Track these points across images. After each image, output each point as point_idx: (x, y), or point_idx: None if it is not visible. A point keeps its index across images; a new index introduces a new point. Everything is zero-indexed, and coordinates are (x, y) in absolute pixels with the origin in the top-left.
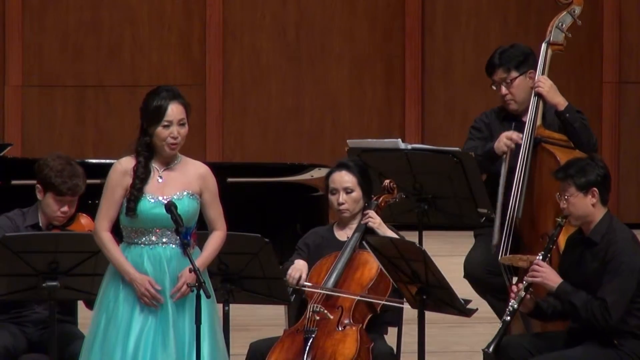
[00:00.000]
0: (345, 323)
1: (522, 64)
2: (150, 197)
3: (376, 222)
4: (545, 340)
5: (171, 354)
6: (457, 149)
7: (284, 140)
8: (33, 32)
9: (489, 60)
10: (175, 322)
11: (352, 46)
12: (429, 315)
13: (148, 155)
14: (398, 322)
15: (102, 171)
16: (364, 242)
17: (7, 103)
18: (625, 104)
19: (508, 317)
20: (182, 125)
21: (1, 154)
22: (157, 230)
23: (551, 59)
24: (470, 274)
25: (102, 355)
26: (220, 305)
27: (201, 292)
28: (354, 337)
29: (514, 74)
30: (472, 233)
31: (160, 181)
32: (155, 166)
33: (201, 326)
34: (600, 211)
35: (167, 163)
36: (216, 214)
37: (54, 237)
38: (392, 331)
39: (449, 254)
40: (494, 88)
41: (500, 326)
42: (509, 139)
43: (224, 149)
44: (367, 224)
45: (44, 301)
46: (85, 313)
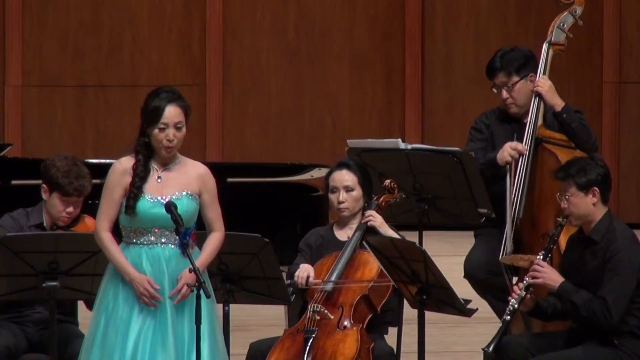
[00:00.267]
0: (346, 323)
1: (523, 67)
2: (149, 197)
3: (377, 221)
4: (545, 340)
5: (170, 354)
6: (457, 149)
7: (284, 140)
8: (33, 32)
9: (489, 64)
10: (174, 323)
11: (352, 46)
12: (429, 315)
13: (147, 154)
14: (398, 322)
15: (102, 171)
16: (364, 242)
17: (7, 103)
18: (625, 104)
19: (508, 317)
20: (179, 129)
21: (1, 154)
22: (156, 230)
23: (552, 59)
24: (470, 274)
25: (101, 355)
26: (220, 305)
27: (201, 292)
28: (355, 337)
29: (515, 78)
30: (472, 233)
31: (159, 181)
32: (155, 166)
33: (201, 326)
34: (600, 210)
35: (166, 163)
36: (215, 215)
37: (54, 237)
38: (392, 331)
39: (449, 254)
40: (495, 91)
41: (500, 326)
42: (514, 149)
43: (224, 149)
44: (369, 223)
45: (44, 301)
46: (86, 313)
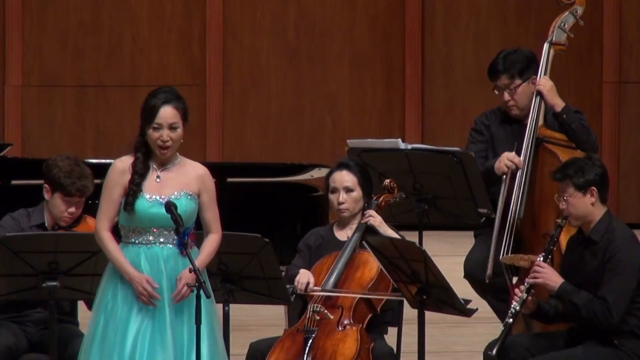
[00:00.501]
0: (346, 323)
1: (525, 70)
2: (148, 196)
3: (377, 220)
4: (546, 340)
5: (169, 353)
6: (457, 149)
7: (284, 140)
8: (33, 32)
9: (492, 65)
10: (173, 323)
11: (352, 46)
12: (429, 315)
13: (146, 152)
14: (398, 322)
15: (102, 171)
16: (364, 242)
17: (7, 103)
18: (625, 104)
19: (510, 320)
20: (174, 130)
21: (1, 154)
22: (155, 230)
23: (553, 59)
24: (470, 274)
25: (100, 354)
26: (220, 305)
27: (201, 292)
28: (354, 337)
29: (517, 81)
30: (472, 233)
31: (158, 181)
32: (154, 166)
33: (200, 327)
34: (599, 210)
35: (165, 163)
36: (213, 217)
37: (54, 237)
38: (392, 331)
39: (449, 254)
40: (496, 92)
41: (502, 329)
42: (511, 160)
43: (224, 149)
44: (368, 223)
45: (44, 301)
46: (86, 313)
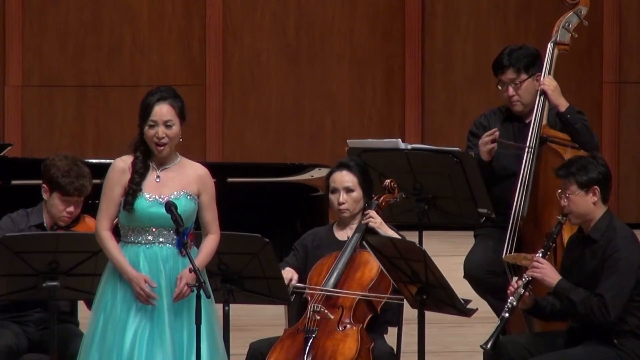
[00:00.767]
0: (346, 323)
1: (531, 65)
2: (147, 196)
3: (377, 221)
4: (545, 340)
5: (168, 353)
6: (457, 149)
7: (284, 140)
8: (33, 32)
9: (497, 60)
10: (172, 323)
11: (352, 46)
12: (429, 315)
13: (145, 151)
14: (398, 322)
15: (102, 171)
16: (364, 242)
17: (7, 103)
18: (625, 104)
19: (506, 314)
20: (169, 127)
21: (1, 154)
22: (154, 230)
23: (556, 59)
24: (470, 274)
25: (100, 354)
26: (220, 305)
27: (201, 292)
28: (355, 337)
29: (523, 76)
30: (472, 233)
31: (157, 181)
32: (153, 165)
33: (200, 327)
34: (600, 209)
35: (165, 163)
36: (212, 217)
37: (54, 237)
38: (392, 331)
39: (449, 254)
40: (500, 88)
41: (498, 323)
42: (486, 137)
43: (224, 149)
44: (368, 224)
45: (44, 301)
46: (86, 313)
